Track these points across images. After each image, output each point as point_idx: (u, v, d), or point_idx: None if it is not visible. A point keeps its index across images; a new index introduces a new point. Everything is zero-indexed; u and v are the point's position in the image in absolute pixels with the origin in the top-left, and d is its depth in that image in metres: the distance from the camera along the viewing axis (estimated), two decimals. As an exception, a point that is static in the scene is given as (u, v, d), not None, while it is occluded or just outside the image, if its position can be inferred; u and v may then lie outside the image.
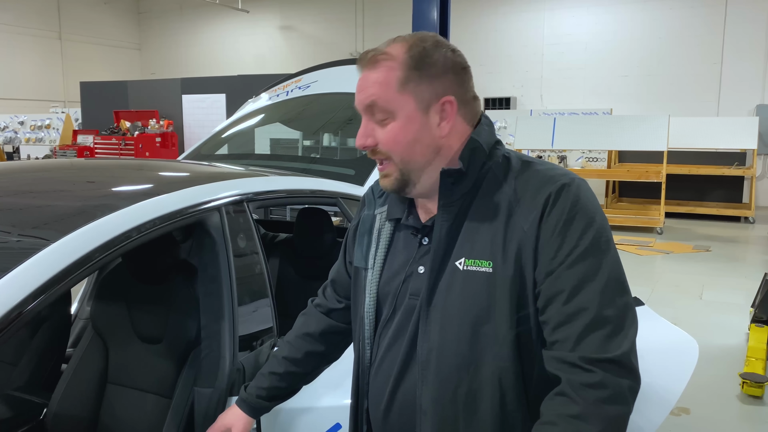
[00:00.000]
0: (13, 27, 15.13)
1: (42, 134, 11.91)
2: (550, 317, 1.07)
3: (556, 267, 1.07)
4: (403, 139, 1.13)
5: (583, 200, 1.10)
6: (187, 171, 2.15)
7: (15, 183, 1.84)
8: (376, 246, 1.26)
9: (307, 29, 15.70)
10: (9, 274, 1.21)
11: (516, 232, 1.10)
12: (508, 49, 13.19)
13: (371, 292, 1.26)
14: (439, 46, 1.14)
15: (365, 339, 1.27)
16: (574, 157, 10.61)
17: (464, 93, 1.16)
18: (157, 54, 17.97)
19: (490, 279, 1.11)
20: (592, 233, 1.08)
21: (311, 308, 1.51)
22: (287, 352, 1.46)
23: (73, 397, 1.92)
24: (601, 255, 1.07)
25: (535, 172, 1.15)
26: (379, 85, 1.12)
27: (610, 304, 1.04)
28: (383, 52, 1.13)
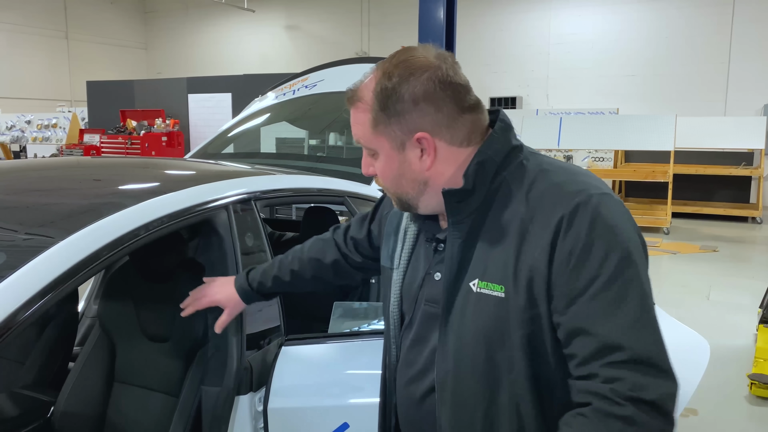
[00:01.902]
0: (20, 27, 15.18)
1: (49, 133, 11.94)
2: (574, 353, 0.98)
3: (575, 300, 0.98)
4: (388, 174, 1.13)
5: (602, 220, 0.99)
6: (194, 169, 2.14)
7: (22, 181, 1.84)
8: (402, 246, 1.25)
9: (313, 29, 15.70)
10: (17, 272, 1.21)
11: (528, 258, 1.02)
12: (513, 49, 13.15)
13: (395, 292, 1.25)
14: (409, 76, 1.04)
15: (391, 337, 1.27)
16: (580, 156, 10.57)
17: (444, 118, 1.06)
18: (164, 53, 18.00)
19: (502, 305, 1.04)
20: (616, 257, 0.97)
21: (331, 241, 1.53)
22: (298, 266, 1.53)
23: (80, 395, 1.92)
24: (627, 282, 0.97)
25: (550, 185, 1.05)
26: (358, 125, 1.12)
27: (642, 340, 0.94)
28: (355, 93, 1.11)
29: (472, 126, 1.08)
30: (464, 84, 1.08)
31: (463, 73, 1.09)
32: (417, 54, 1.07)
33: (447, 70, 1.05)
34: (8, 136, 12.20)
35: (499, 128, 1.11)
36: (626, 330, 0.94)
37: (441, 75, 1.04)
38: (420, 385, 1.19)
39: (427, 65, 1.05)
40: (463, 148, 1.08)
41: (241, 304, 1.57)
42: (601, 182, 1.07)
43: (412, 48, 1.09)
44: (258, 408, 1.63)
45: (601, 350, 0.95)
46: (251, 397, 1.64)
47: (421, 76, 1.04)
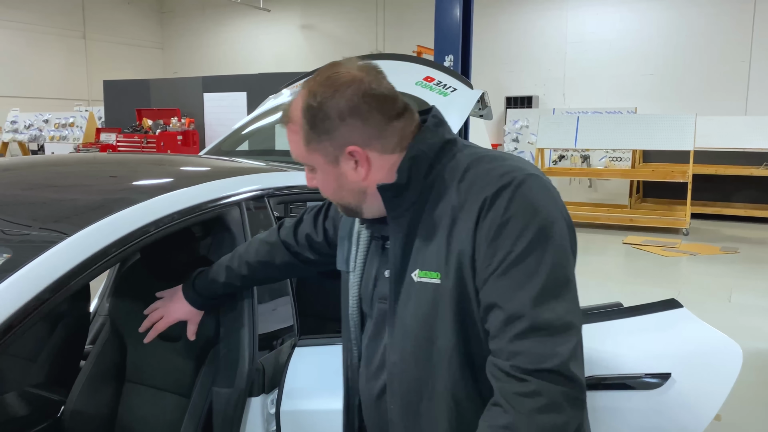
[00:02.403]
0: (39, 27, 15.32)
1: (66, 132, 12.04)
2: (489, 327, 1.04)
3: (490, 275, 1.02)
4: (328, 187, 1.17)
5: (521, 198, 1.03)
6: (207, 166, 2.11)
7: (33, 176, 1.82)
8: (356, 249, 1.28)
9: (328, 28, 15.70)
10: (22, 269, 1.17)
11: (457, 242, 1.07)
12: (530, 48, 13.05)
13: (354, 294, 1.29)
14: (334, 93, 1.07)
15: (351, 339, 1.32)
16: (597, 156, 10.45)
17: (372, 130, 1.10)
18: (180, 53, 18.09)
19: (438, 290, 1.09)
20: (530, 234, 1.01)
21: (278, 243, 1.53)
22: (247, 271, 1.54)
23: (90, 395, 1.89)
24: (540, 256, 1.01)
25: (480, 172, 1.09)
26: (292, 144, 1.16)
27: (547, 309, 0.98)
28: (286, 114, 1.14)
29: (401, 132, 1.12)
30: (389, 93, 1.10)
31: (387, 82, 1.12)
32: (340, 69, 1.10)
33: (370, 82, 1.08)
34: (26, 135, 12.31)
35: (431, 123, 1.14)
36: (531, 300, 0.98)
37: (365, 88, 1.07)
38: (376, 383, 1.23)
39: (351, 80, 1.08)
40: (396, 154, 1.12)
41: (199, 312, 1.64)
42: (531, 166, 1.12)
43: (336, 63, 1.12)
44: (270, 410, 1.59)
45: (505, 322, 0.99)
46: (263, 399, 1.60)
47: (345, 92, 1.07)
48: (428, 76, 2.97)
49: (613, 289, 6.05)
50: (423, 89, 2.87)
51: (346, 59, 1.14)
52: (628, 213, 9.72)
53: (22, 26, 14.92)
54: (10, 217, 1.42)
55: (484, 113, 3.13)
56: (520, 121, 10.80)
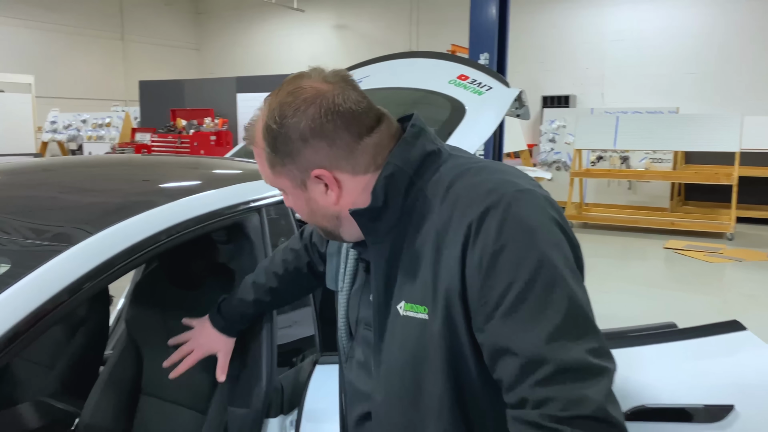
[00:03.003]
0: (78, 29, 15.60)
1: (103, 132, 12.20)
2: (500, 377, 0.89)
3: (491, 316, 0.88)
4: (300, 210, 1.08)
5: (513, 221, 0.88)
6: (228, 168, 2.02)
7: (37, 179, 1.74)
8: (345, 266, 1.18)
9: (362, 28, 15.63)
10: (23, 279, 1.08)
11: (444, 275, 0.93)
12: (567, 46, 12.75)
13: (342, 315, 1.20)
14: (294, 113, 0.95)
15: (342, 359, 1.23)
16: (637, 157, 10.12)
17: (340, 151, 0.97)
18: (215, 53, 18.24)
19: (425, 328, 0.95)
20: (531, 262, 0.87)
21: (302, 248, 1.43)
22: (276, 283, 1.44)
23: (105, 407, 1.82)
24: (548, 287, 0.86)
25: (463, 188, 0.95)
26: (259, 166, 1.06)
27: (569, 347, 0.84)
28: (249, 134, 1.05)
29: (375, 149, 0.99)
30: (357, 108, 0.97)
31: (358, 92, 0.99)
32: (303, 84, 0.98)
33: (335, 97, 0.96)
34: (65, 135, 12.52)
35: (409, 135, 1.01)
36: (549, 340, 0.84)
37: (327, 105, 0.95)
38: (356, 410, 1.15)
39: (314, 96, 0.96)
40: (370, 174, 1.00)
41: (230, 341, 1.50)
42: (523, 178, 0.97)
43: (300, 76, 1.00)
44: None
45: (524, 369, 0.85)
46: (281, 421, 1.50)
47: (306, 111, 0.95)
48: (462, 74, 2.84)
49: (653, 297, 5.82)
50: (457, 88, 2.73)
51: (313, 69, 1.01)
52: (669, 216, 9.40)
53: (63, 28, 15.21)
54: (19, 222, 1.34)
55: (521, 113, 2.98)
56: (557, 121, 10.52)
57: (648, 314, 5.20)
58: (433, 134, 1.05)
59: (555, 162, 10.37)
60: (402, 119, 1.06)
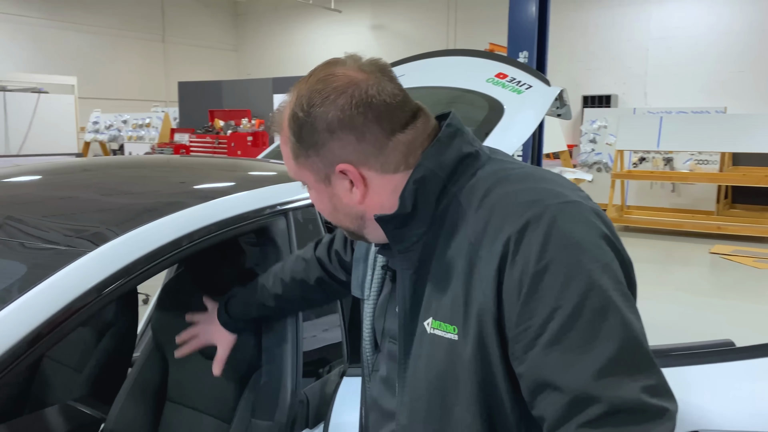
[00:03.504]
0: (120, 31, 15.93)
1: (143, 132, 12.41)
2: (542, 415, 0.79)
3: (531, 345, 0.78)
4: (323, 208, 0.99)
5: (558, 237, 0.79)
6: (256, 170, 1.96)
7: (67, 182, 1.71)
8: (372, 273, 1.10)
9: (398, 27, 15.56)
10: (38, 286, 1.04)
11: (477, 294, 0.84)
12: (609, 44, 12.44)
13: (367, 325, 1.11)
14: (323, 101, 0.88)
15: (366, 373, 1.14)
16: (682, 159, 9.81)
17: (369, 146, 0.89)
18: (252, 54, 18.41)
19: (454, 350, 0.86)
20: (579, 285, 0.77)
21: (313, 260, 1.36)
22: (281, 290, 1.38)
23: (130, 414, 1.78)
24: (598, 314, 0.76)
25: (502, 197, 0.85)
26: (284, 157, 0.99)
27: (624, 385, 0.73)
28: (274, 121, 0.98)
29: (407, 147, 0.91)
30: (392, 101, 0.89)
31: (394, 85, 0.92)
32: (336, 71, 0.91)
33: (369, 88, 0.88)
34: (107, 135, 12.78)
35: (444, 135, 0.92)
36: (599, 375, 0.74)
37: (360, 95, 0.87)
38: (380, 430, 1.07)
39: (346, 85, 0.88)
40: (400, 174, 0.91)
41: (231, 336, 1.49)
42: (569, 188, 0.87)
43: (333, 62, 0.94)
44: (314, 448, 1.41)
45: (570, 407, 0.75)
46: (307, 434, 1.43)
47: (336, 101, 0.88)
48: (501, 72, 2.74)
49: (699, 305, 5.59)
50: (495, 87, 2.64)
51: (349, 56, 0.94)
52: (715, 220, 9.06)
53: (105, 31, 15.55)
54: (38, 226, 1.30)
55: (562, 112, 2.86)
56: (598, 121, 10.27)
57: (693, 323, 4.99)
58: (470, 135, 0.95)
59: (596, 163, 10.11)
60: (439, 117, 0.97)
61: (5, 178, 1.70)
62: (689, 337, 1.62)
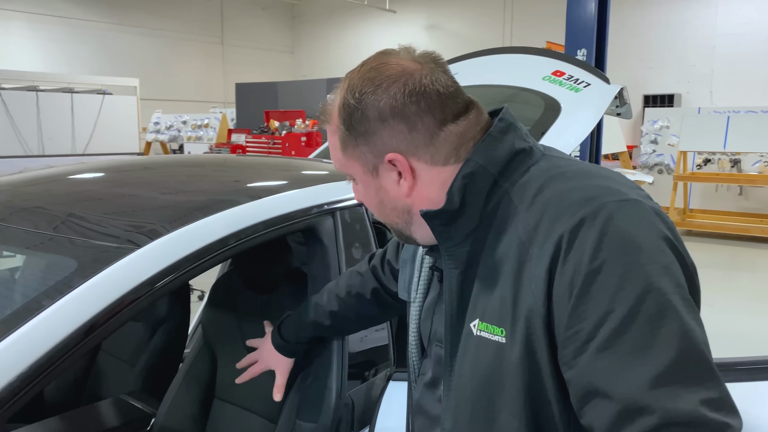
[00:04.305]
0: (181, 34, 16.41)
1: (201, 133, 12.72)
2: (592, 422, 0.74)
3: (582, 349, 0.74)
4: (369, 202, 0.97)
5: (615, 236, 0.74)
6: (306, 169, 1.96)
7: (126, 179, 1.74)
8: (419, 275, 1.07)
9: (453, 27, 15.46)
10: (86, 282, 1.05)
11: (526, 294, 0.80)
12: (672, 42, 12.01)
13: (413, 328, 1.08)
14: (376, 89, 0.87)
15: (411, 376, 1.11)
16: (750, 160, 9.35)
17: (420, 136, 0.87)
18: (308, 56, 18.65)
19: (501, 353, 0.83)
20: (635, 287, 0.72)
21: (368, 272, 1.34)
22: (337, 306, 1.35)
23: (179, 410, 1.80)
24: (656, 321, 0.71)
25: (555, 194, 0.81)
26: (331, 149, 0.97)
27: (681, 396, 0.68)
28: (324, 111, 0.96)
29: (458, 139, 0.88)
30: (445, 91, 0.87)
31: (447, 76, 0.90)
32: (389, 60, 0.90)
33: (422, 77, 0.87)
34: (167, 136, 13.16)
35: (496, 129, 0.89)
36: (654, 384, 0.69)
37: (413, 84, 0.86)
38: None
39: (399, 73, 0.87)
40: (450, 166, 0.89)
41: (287, 361, 1.44)
42: (628, 186, 0.82)
43: (387, 53, 0.92)
44: (358, 453, 1.39)
45: (620, 418, 0.70)
46: (352, 438, 1.41)
47: (389, 89, 0.86)
48: (558, 70, 2.66)
49: (766, 314, 5.31)
50: (551, 85, 2.56)
51: (403, 48, 0.92)
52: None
53: (167, 34, 16.05)
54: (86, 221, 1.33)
55: (622, 111, 2.76)
56: (660, 121, 9.91)
57: (760, 334, 4.74)
58: (524, 131, 0.92)
59: (657, 165, 9.77)
60: (492, 113, 0.94)
61: (70, 175, 1.76)
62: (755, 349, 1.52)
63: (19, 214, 1.41)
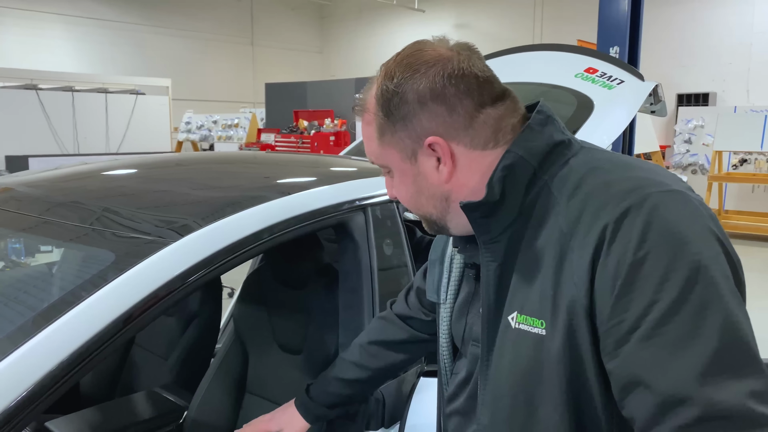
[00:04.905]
0: (212, 35, 16.63)
1: (231, 132, 12.85)
2: (633, 413, 0.74)
3: (625, 339, 0.73)
4: (405, 193, 0.96)
5: (660, 226, 0.73)
6: (335, 166, 1.96)
7: (159, 175, 1.77)
8: (449, 276, 1.06)
9: (483, 26, 15.36)
10: (123, 274, 1.07)
11: (568, 285, 0.79)
12: (707, 40, 11.76)
13: (444, 330, 1.07)
14: (414, 73, 0.87)
15: (442, 378, 1.11)
16: (788, 161, 9.13)
17: (459, 118, 0.87)
18: (337, 56, 18.72)
19: (541, 345, 0.82)
20: (680, 277, 0.71)
21: (390, 314, 1.33)
22: (358, 357, 1.32)
23: (211, 404, 1.82)
24: (700, 309, 0.70)
25: (598, 186, 0.81)
26: (366, 140, 0.96)
27: (723, 389, 0.67)
28: (360, 102, 0.96)
29: (497, 122, 0.88)
30: (482, 75, 0.87)
31: (483, 63, 0.90)
32: (425, 47, 0.90)
33: (460, 62, 0.87)
34: (198, 135, 13.32)
35: (535, 122, 0.89)
36: (697, 376, 0.68)
37: (451, 68, 0.86)
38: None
39: (436, 59, 0.87)
40: (489, 151, 0.88)
41: (306, 425, 1.33)
42: (671, 178, 0.81)
43: (422, 42, 0.92)
44: (389, 448, 1.39)
45: (662, 408, 0.70)
46: (382, 434, 1.40)
47: (427, 72, 0.87)
48: (590, 67, 2.62)
49: (807, 317, 5.16)
50: (584, 82, 2.52)
51: (438, 38, 0.92)
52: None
53: (198, 35, 16.28)
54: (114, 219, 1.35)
55: (657, 109, 2.71)
56: (694, 120, 9.72)
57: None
58: (562, 124, 0.91)
59: (691, 165, 9.58)
60: (528, 108, 0.93)
61: (105, 171, 1.79)
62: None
63: (56, 209, 1.44)
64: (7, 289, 1.57)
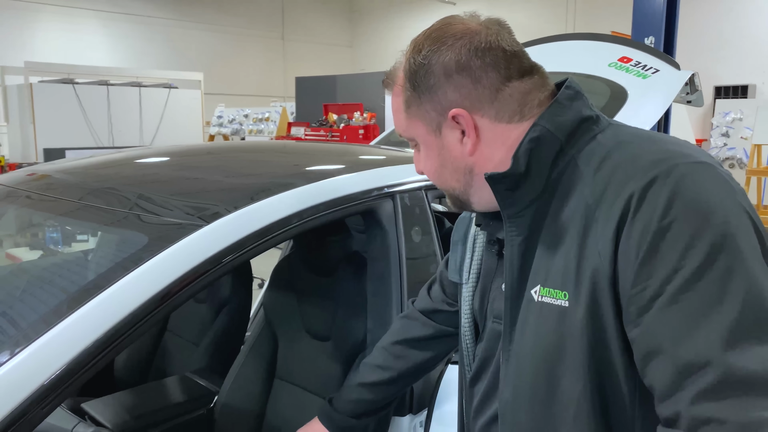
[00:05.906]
0: (244, 30, 16.77)
1: (262, 126, 12.96)
2: (653, 381, 0.73)
3: (647, 307, 0.72)
4: (430, 167, 0.96)
5: (686, 195, 0.73)
6: (363, 154, 1.97)
7: (192, 163, 1.79)
8: (471, 256, 1.06)
9: (515, 18, 15.13)
10: (147, 262, 1.09)
11: (592, 255, 0.78)
12: (746, 30, 11.44)
13: (466, 310, 1.06)
14: (441, 46, 0.87)
15: (463, 359, 1.09)
16: (830, 155, 8.84)
17: (485, 90, 0.86)
18: (366, 50, 18.72)
19: (564, 317, 0.82)
20: (705, 244, 0.70)
21: (413, 312, 1.31)
22: (382, 360, 1.29)
23: (241, 389, 1.84)
24: (724, 276, 0.69)
25: (625, 158, 0.80)
26: (394, 112, 0.97)
27: (746, 354, 0.67)
28: (389, 76, 0.97)
29: (523, 96, 0.88)
30: (510, 49, 0.87)
31: (512, 37, 0.90)
32: (454, 21, 0.91)
33: (488, 36, 0.87)
34: (229, 129, 13.47)
35: (563, 96, 0.88)
36: (720, 341, 0.67)
37: (478, 41, 0.86)
38: (483, 415, 1.01)
39: (463, 32, 0.88)
40: (515, 125, 0.88)
41: None
42: (700, 151, 0.81)
43: (452, 17, 0.93)
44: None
45: (681, 374, 0.69)
46: (410, 420, 1.41)
47: (453, 45, 0.87)
48: (624, 56, 2.58)
49: None
50: (618, 71, 2.48)
51: (469, 14, 0.92)
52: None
53: (230, 29, 16.43)
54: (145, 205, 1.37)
55: (693, 98, 2.65)
56: (732, 113, 9.47)
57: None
58: (590, 101, 0.91)
59: (728, 159, 9.35)
60: (557, 85, 0.93)
61: (138, 159, 1.83)
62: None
63: (93, 194, 1.47)
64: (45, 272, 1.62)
